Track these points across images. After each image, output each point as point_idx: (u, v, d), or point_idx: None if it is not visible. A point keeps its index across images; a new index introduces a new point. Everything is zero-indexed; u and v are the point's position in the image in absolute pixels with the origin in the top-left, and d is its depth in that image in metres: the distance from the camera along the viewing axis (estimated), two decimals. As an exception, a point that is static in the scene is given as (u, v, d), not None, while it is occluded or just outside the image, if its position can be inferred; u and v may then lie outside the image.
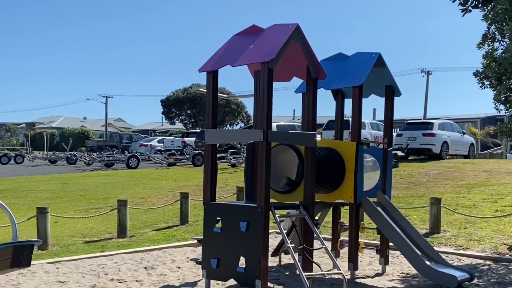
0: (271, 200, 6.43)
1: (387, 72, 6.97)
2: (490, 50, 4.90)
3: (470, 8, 6.36)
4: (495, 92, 5.77)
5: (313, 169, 6.08)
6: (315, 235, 6.08)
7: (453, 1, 6.54)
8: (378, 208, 6.90)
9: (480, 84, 6.58)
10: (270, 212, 5.63)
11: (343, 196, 6.85)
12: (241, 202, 7.06)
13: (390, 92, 7.18)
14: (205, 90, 5.94)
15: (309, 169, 6.03)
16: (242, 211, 5.71)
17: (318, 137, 21.23)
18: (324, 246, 5.94)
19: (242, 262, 5.73)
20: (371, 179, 7.43)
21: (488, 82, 6.56)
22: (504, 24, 4.15)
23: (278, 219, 5.71)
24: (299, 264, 5.52)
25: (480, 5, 5.82)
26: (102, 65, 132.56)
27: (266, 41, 5.55)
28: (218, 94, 6.03)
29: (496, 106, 4.26)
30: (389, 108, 7.25)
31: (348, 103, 7.30)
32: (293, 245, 5.88)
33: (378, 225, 6.84)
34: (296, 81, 7.05)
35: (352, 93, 6.70)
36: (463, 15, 6.55)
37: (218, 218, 5.90)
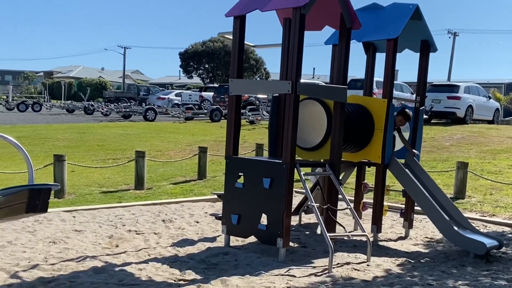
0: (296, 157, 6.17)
1: (424, 25, 6.52)
2: None
3: None
4: None
5: (342, 126, 5.77)
6: (340, 195, 5.83)
7: None
8: (406, 170, 6.58)
9: None
10: (295, 169, 5.37)
11: (371, 155, 6.54)
12: (264, 158, 6.79)
13: (426, 47, 6.74)
14: (231, 37, 5.58)
15: (337, 126, 5.72)
16: (266, 167, 5.45)
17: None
18: (349, 207, 5.70)
19: (263, 219, 5.52)
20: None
21: None
22: None
23: (303, 177, 5.44)
24: (323, 224, 5.28)
25: None
26: (121, 15, 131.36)
27: (299, -14, 5.14)
28: (245, 42, 5.67)
29: None
30: (423, 64, 6.83)
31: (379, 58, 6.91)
32: (316, 204, 5.64)
33: (405, 187, 6.55)
34: (321, 34, 6.65)
35: (386, 46, 6.28)
36: None
37: (240, 174, 5.65)
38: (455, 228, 6.10)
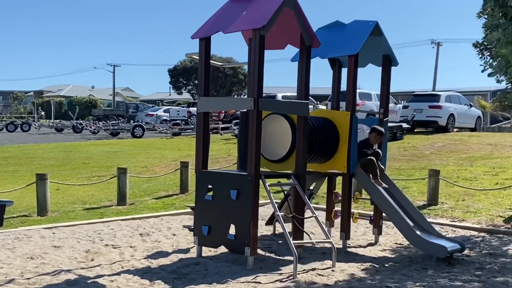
0: (264, 169, 6.46)
1: (384, 41, 6.87)
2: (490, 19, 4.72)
3: None
4: (495, 63, 5.62)
5: (305, 139, 6.06)
6: (306, 204, 6.10)
7: None
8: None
9: (480, 55, 6.44)
10: (261, 180, 5.65)
11: (337, 166, 6.84)
12: (232, 171, 7.08)
13: (387, 62, 7.08)
14: (197, 57, 5.89)
15: (301, 139, 6.02)
16: (233, 179, 5.73)
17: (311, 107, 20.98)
18: (314, 215, 5.96)
19: (232, 229, 5.78)
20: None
21: (488, 53, 6.43)
22: None
23: (268, 187, 5.72)
24: (287, 232, 5.55)
25: None
26: (110, 33, 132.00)
27: (258, 8, 5.48)
28: (212, 61, 5.98)
29: (497, 77, 4.15)
30: (385, 78, 7.17)
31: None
32: (282, 213, 5.91)
33: (370, 195, 6.85)
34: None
35: (348, 62, 6.62)
36: None
37: (209, 186, 5.93)
38: (418, 233, 6.38)
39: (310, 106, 23.97)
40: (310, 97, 25.62)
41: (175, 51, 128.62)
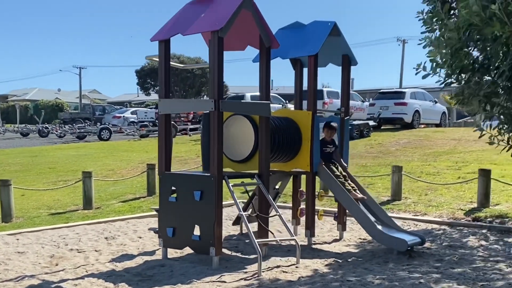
0: (229, 170, 6.53)
1: (343, 41, 7.01)
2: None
3: None
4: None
5: (268, 139, 6.14)
6: (270, 203, 6.19)
7: None
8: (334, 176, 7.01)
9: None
10: (224, 181, 5.71)
11: (300, 164, 6.95)
12: (195, 172, 7.12)
13: (347, 61, 7.23)
14: (157, 59, 5.91)
15: (263, 139, 6.10)
16: (196, 180, 5.78)
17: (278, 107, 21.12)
18: (278, 214, 6.06)
19: (197, 230, 5.83)
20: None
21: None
22: None
23: (231, 188, 5.79)
24: (251, 231, 5.62)
25: None
26: (75, 35, 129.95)
27: (217, 10, 5.54)
28: (172, 63, 6.00)
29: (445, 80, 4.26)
30: (345, 77, 7.32)
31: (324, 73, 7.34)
32: (247, 213, 5.99)
33: (333, 192, 6.98)
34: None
35: (308, 62, 6.73)
36: None
37: (173, 188, 5.96)
38: (379, 227, 6.55)
39: (279, 106, 24.08)
40: (279, 96, 25.79)
41: (142, 52, 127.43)
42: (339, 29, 6.87)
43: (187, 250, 6.25)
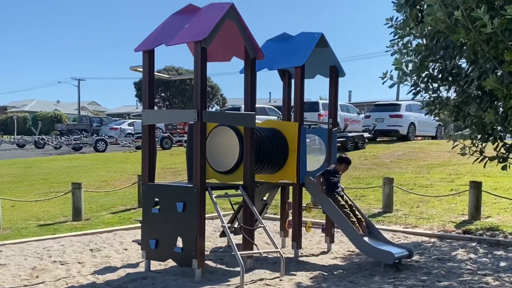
0: (213, 181, 6.47)
1: (330, 52, 6.99)
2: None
3: None
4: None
5: (253, 150, 6.10)
6: (254, 215, 6.13)
7: None
8: (322, 188, 6.95)
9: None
10: (207, 192, 5.65)
11: (287, 176, 6.90)
12: (179, 183, 7.07)
13: (334, 73, 7.20)
14: (142, 70, 5.89)
15: (248, 150, 6.05)
16: (179, 192, 5.72)
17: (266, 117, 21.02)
18: (262, 225, 6.00)
19: (179, 242, 5.76)
20: (318, 159, 7.50)
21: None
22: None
23: (214, 199, 5.73)
24: (234, 243, 5.56)
25: None
26: (73, 46, 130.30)
27: (200, 21, 5.52)
28: (157, 74, 5.98)
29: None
30: (333, 89, 7.29)
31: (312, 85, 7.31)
32: (229, 224, 5.92)
33: (320, 204, 6.92)
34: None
35: (295, 73, 6.71)
36: None
37: (156, 199, 5.90)
38: (366, 240, 6.48)
39: (275, 117, 24.04)
40: (275, 108, 25.67)
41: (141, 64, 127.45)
42: (326, 40, 6.85)
43: (171, 263, 6.17)
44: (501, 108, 3.63)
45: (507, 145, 3.89)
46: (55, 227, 9.44)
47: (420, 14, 3.69)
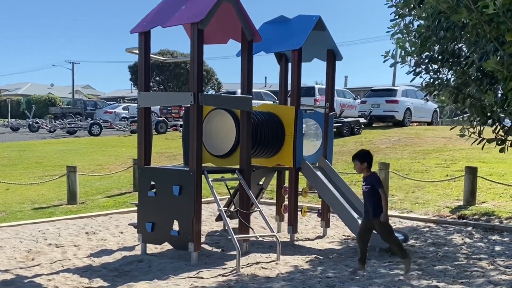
0: (209, 165, 6.45)
1: (328, 35, 6.93)
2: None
3: None
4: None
5: (249, 134, 6.06)
6: (251, 199, 6.11)
7: None
8: (318, 173, 6.95)
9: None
10: (203, 176, 5.63)
11: (283, 160, 6.88)
12: (175, 166, 7.04)
13: (332, 56, 7.15)
14: (137, 52, 5.82)
15: (245, 134, 6.02)
16: (175, 175, 5.69)
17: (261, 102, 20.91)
18: (258, 209, 5.99)
19: (176, 226, 5.75)
20: (314, 144, 7.48)
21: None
22: None
23: (211, 183, 5.71)
24: (230, 227, 5.55)
25: None
26: (68, 29, 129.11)
27: (197, 2, 5.45)
28: (153, 56, 5.91)
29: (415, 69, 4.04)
30: (330, 72, 7.24)
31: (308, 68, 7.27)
32: (225, 208, 5.91)
33: (316, 189, 6.92)
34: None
35: (292, 57, 6.65)
36: None
37: (152, 183, 5.87)
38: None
39: (270, 102, 23.91)
40: (271, 93, 25.48)
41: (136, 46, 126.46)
42: (323, 23, 6.79)
43: (167, 246, 6.16)
44: (500, 90, 3.61)
45: (506, 128, 3.87)
46: (50, 210, 9.40)
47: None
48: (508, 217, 8.07)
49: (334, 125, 13.77)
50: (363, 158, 5.32)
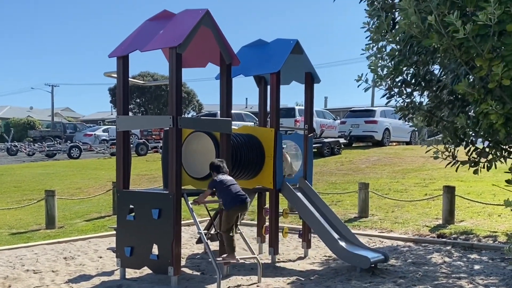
0: (190, 187, 6.44)
1: (306, 59, 7.03)
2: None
3: None
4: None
5: (229, 156, 6.08)
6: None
7: None
8: (298, 193, 6.99)
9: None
10: (183, 199, 5.62)
11: (263, 182, 6.90)
12: (154, 189, 7.02)
13: (310, 79, 7.25)
14: (116, 76, 5.83)
15: (224, 156, 6.04)
16: (154, 198, 5.67)
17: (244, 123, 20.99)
18: (239, 232, 5.98)
19: (155, 249, 5.71)
20: (295, 165, 7.53)
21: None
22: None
23: (190, 205, 5.69)
24: (210, 250, 5.53)
25: None
26: (47, 52, 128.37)
27: (175, 26, 5.50)
28: (131, 79, 5.93)
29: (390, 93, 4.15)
30: (308, 95, 7.33)
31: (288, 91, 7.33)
32: (205, 231, 5.89)
33: (297, 210, 6.94)
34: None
35: (270, 80, 6.73)
36: (333, 0, 6.78)
37: (131, 206, 5.84)
38: (342, 244, 6.51)
39: (251, 123, 24.00)
40: (251, 114, 25.57)
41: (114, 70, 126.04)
42: (301, 47, 6.90)
43: (147, 270, 6.11)
44: (472, 113, 3.70)
45: (479, 150, 3.96)
46: (28, 235, 9.26)
47: (392, 22, 3.75)
48: (486, 235, 8.17)
49: (315, 145, 13.87)
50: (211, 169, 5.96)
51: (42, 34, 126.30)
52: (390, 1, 4.27)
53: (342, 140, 21.27)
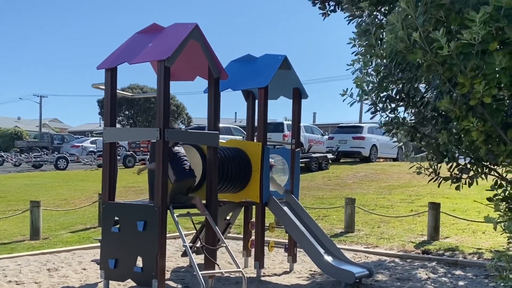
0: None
1: (294, 74, 7.10)
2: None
3: (329, 12, 6.67)
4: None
5: (216, 169, 6.10)
6: (217, 234, 6.10)
7: (313, 5, 6.78)
8: (285, 208, 7.00)
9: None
10: (168, 211, 5.61)
11: (250, 195, 6.92)
12: (139, 201, 7.00)
13: (297, 95, 7.31)
14: (104, 87, 5.85)
15: (211, 169, 6.05)
16: (139, 211, 5.66)
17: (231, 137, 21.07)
18: (224, 245, 5.98)
19: (139, 262, 5.68)
20: (282, 179, 7.55)
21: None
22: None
23: (176, 218, 5.69)
24: (195, 263, 5.52)
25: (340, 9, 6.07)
26: (35, 63, 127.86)
27: (164, 40, 5.54)
28: (119, 91, 5.95)
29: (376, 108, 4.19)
30: (296, 110, 7.39)
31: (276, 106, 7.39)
32: (191, 244, 5.88)
33: (283, 224, 6.96)
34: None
35: (258, 94, 6.78)
36: (323, 19, 6.89)
37: (116, 218, 5.82)
38: (327, 259, 6.53)
39: (240, 137, 24.10)
40: (240, 128, 25.65)
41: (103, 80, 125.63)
42: (289, 62, 6.97)
43: (131, 283, 6.07)
44: (454, 130, 3.76)
45: (460, 166, 4.02)
46: (11, 246, 9.16)
47: (380, 41, 3.83)
48: (471, 252, 8.23)
49: (302, 160, 13.93)
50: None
51: (32, 45, 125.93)
52: (378, 22, 4.35)
53: (330, 156, 21.37)
